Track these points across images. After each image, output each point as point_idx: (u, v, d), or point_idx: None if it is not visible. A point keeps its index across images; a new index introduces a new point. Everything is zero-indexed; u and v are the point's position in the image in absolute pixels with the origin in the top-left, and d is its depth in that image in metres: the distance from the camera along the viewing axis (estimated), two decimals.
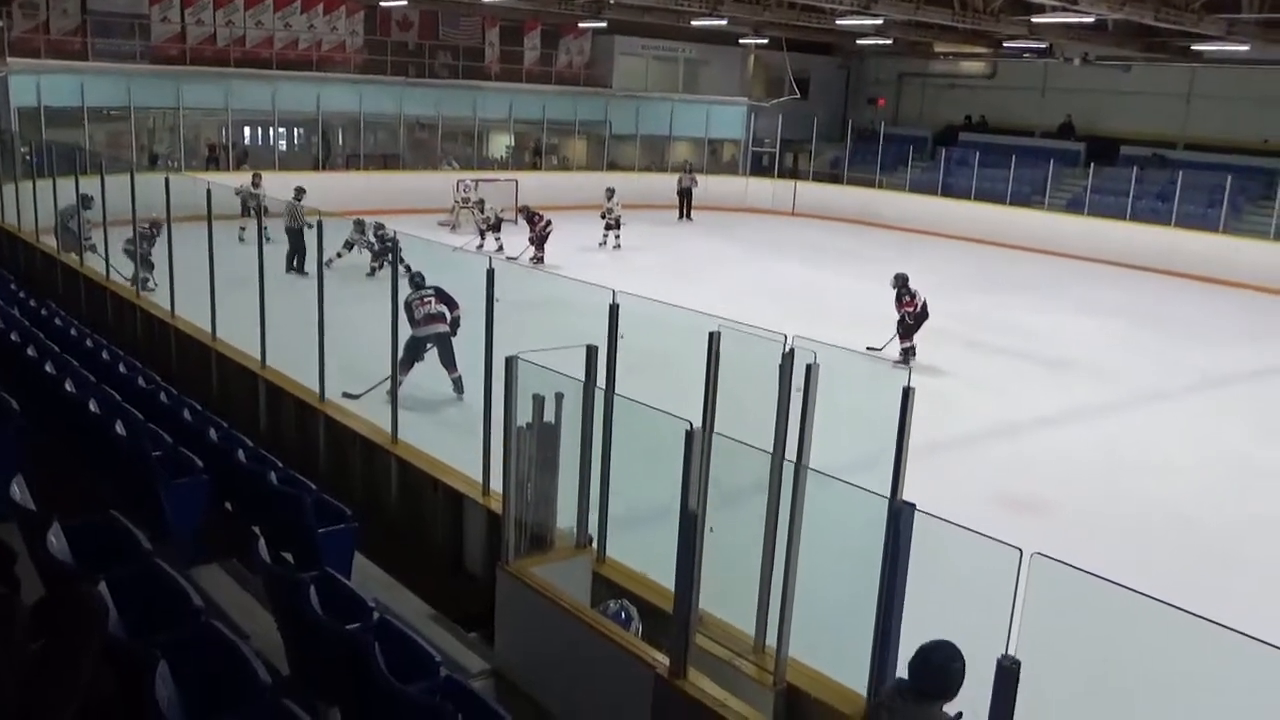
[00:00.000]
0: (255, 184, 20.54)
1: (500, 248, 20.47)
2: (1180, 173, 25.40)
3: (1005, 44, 26.49)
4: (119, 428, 6.42)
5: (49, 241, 16.24)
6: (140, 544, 4.50)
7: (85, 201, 15.00)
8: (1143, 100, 28.25)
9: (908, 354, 14.07)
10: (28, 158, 19.51)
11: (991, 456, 10.92)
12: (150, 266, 13.40)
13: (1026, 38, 24.06)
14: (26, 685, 2.66)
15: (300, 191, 18.75)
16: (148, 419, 6.96)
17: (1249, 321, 19.60)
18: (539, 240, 20.31)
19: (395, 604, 5.83)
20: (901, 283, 14.28)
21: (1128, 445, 11.62)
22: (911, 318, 14.13)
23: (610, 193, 22.96)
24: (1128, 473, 10.65)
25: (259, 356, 10.14)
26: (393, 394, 8.68)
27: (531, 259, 19.95)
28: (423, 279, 11.40)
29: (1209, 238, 24.21)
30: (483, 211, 22.04)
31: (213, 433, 7.21)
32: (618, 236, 22.74)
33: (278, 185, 20.20)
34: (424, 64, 28.71)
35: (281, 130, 27.79)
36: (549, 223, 20.49)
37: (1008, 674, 3.29)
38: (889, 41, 28.69)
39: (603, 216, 22.87)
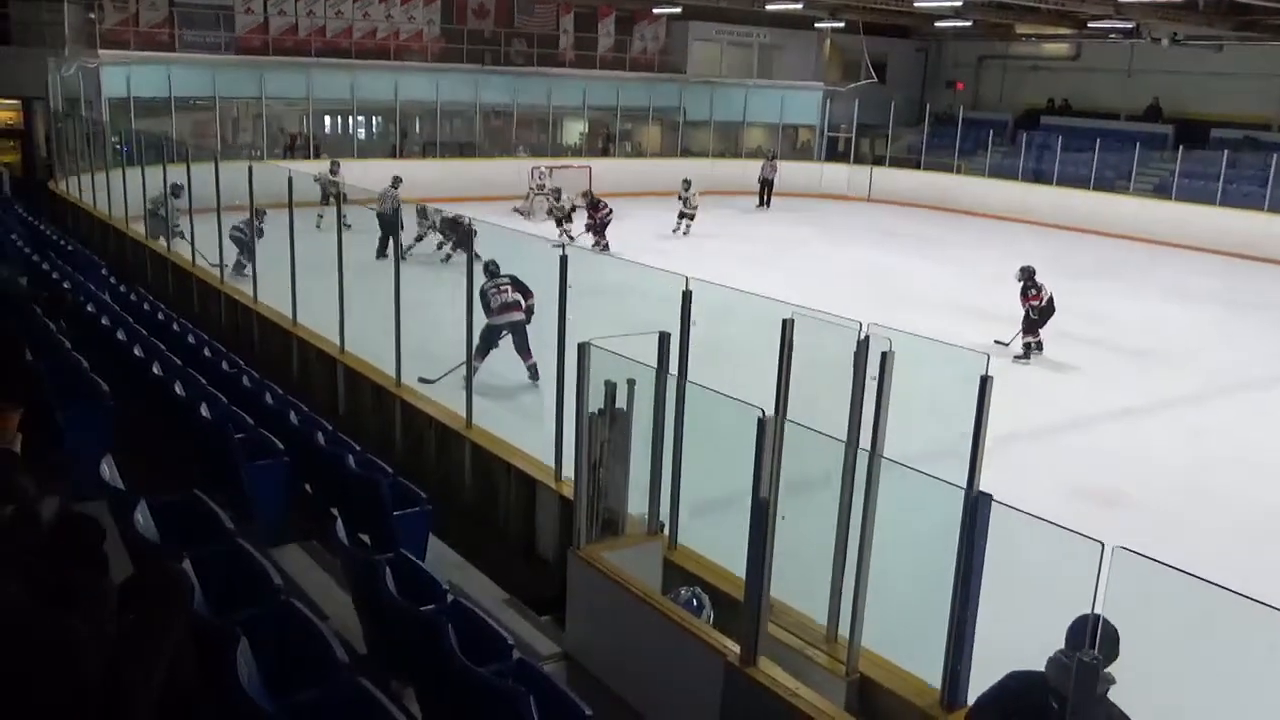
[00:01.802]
0: (333, 171, 20.84)
1: (574, 238, 20.53)
2: (1275, 156, 24.49)
3: (1090, 24, 25.78)
4: (204, 410, 6.59)
5: (138, 228, 16.72)
6: (223, 523, 4.62)
7: (175, 190, 15.32)
8: (1235, 81, 27.25)
9: (1029, 349, 13.56)
10: (118, 147, 20.08)
11: (1073, 448, 10.66)
12: (251, 254, 13.56)
13: (1112, 18, 23.40)
14: (114, 658, 2.74)
15: (397, 180, 18.59)
16: (231, 402, 7.13)
17: None
18: (599, 227, 20.26)
19: (468, 586, 5.91)
20: (1028, 275, 13.75)
21: (1215, 437, 11.26)
22: (1036, 311, 13.56)
23: (687, 184, 22.68)
24: (1215, 466, 10.32)
25: (338, 342, 10.34)
26: (468, 380, 8.78)
27: (593, 246, 19.91)
28: (497, 267, 11.41)
29: None
30: (558, 200, 22.08)
31: (293, 416, 7.36)
32: (689, 223, 22.49)
33: (356, 173, 20.51)
34: (499, 52, 28.91)
35: (360, 119, 28.21)
36: (610, 210, 20.42)
37: (1088, 671, 3.21)
38: (969, 23, 28.11)
39: (682, 201, 22.55)
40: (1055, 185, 27.73)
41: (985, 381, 4.17)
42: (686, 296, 5.82)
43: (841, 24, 29.04)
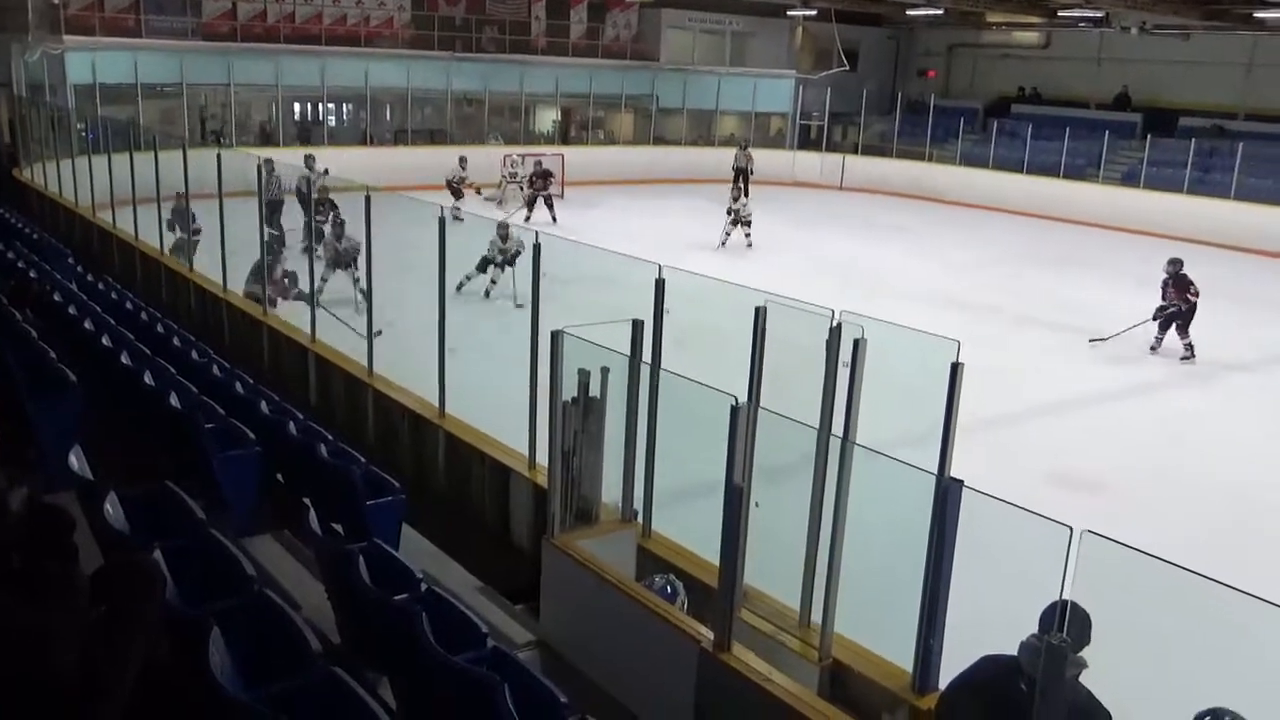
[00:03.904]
0: (309, 165, 20.49)
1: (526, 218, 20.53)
2: (1240, 144, 24.77)
3: (1060, 13, 25.96)
4: (173, 400, 6.53)
5: (105, 216, 16.48)
6: (194, 514, 4.58)
7: (308, 162, 14.38)
8: (1202, 70, 27.50)
9: (1191, 348, 13.29)
10: (84, 134, 19.80)
11: (1045, 434, 10.76)
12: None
13: (1082, 6, 23.58)
14: (86, 652, 2.71)
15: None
16: (201, 392, 7.05)
17: None
18: (533, 200, 20.76)
19: (443, 575, 5.89)
20: (1179, 266, 13.35)
21: (1186, 423, 11.40)
22: (1188, 303, 13.26)
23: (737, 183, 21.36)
24: (1187, 451, 10.45)
25: (309, 330, 10.28)
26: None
27: (525, 219, 19.95)
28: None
29: (1271, 210, 23.59)
30: (522, 189, 22.04)
31: (264, 405, 7.30)
32: (747, 234, 20.41)
33: (330, 162, 20.26)
34: (471, 39, 28.69)
35: (330, 106, 27.96)
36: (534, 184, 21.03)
37: (1056, 653, 3.25)
38: (940, 12, 28.21)
39: (736, 197, 21.15)
40: (1026, 173, 27.92)
41: (955, 368, 4.21)
42: (659, 284, 5.83)
43: (813, 12, 29.07)
